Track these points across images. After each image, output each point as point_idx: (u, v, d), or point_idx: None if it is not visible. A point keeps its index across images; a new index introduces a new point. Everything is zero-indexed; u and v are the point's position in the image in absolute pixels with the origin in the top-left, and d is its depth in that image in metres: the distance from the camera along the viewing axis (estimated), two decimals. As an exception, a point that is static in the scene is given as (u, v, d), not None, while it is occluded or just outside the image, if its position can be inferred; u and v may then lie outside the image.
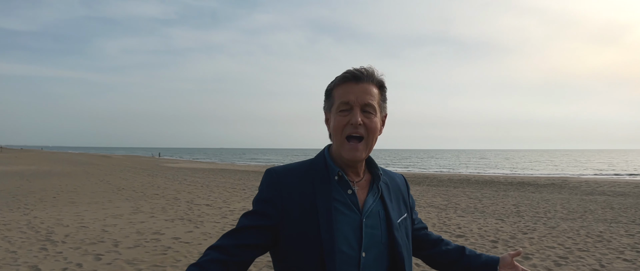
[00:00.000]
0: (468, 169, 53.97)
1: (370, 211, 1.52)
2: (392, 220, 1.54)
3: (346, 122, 1.48)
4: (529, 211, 13.17)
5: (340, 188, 1.51)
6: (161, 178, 25.24)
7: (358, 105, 1.48)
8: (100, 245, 7.62)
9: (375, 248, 1.49)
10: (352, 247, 1.45)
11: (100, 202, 13.39)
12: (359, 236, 1.47)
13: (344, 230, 1.45)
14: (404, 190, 1.71)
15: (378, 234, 1.50)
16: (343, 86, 1.51)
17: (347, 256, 1.43)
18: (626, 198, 17.13)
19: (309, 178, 1.52)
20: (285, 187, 1.51)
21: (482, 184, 24.59)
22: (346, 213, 1.48)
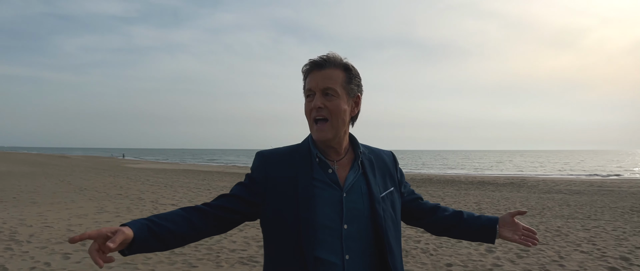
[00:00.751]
0: (430, 169, 54.86)
1: (351, 187, 1.66)
2: (374, 194, 1.67)
3: (312, 107, 1.64)
4: (490, 208, 13.59)
5: (320, 168, 1.66)
6: (123, 178, 24.85)
7: (319, 90, 1.63)
8: (67, 244, 7.53)
9: (357, 220, 1.63)
10: (333, 221, 1.60)
11: (63, 202, 13.15)
12: (340, 211, 1.61)
13: (324, 206, 1.60)
14: (390, 166, 1.83)
15: (360, 208, 1.64)
16: (309, 74, 1.67)
17: (329, 229, 1.58)
18: (581, 196, 17.79)
19: (293, 160, 1.68)
20: (271, 168, 1.68)
21: (444, 184, 25.12)
22: (327, 190, 1.63)
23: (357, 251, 1.62)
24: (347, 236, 1.60)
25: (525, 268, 6.50)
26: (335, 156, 1.70)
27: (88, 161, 55.02)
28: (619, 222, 10.76)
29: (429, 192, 19.13)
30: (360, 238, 1.62)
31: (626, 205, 14.24)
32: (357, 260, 1.61)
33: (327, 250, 1.58)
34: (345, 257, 1.59)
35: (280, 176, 1.66)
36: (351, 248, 1.60)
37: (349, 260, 1.59)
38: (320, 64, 1.64)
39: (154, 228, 1.48)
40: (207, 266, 6.44)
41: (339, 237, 1.59)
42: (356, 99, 1.72)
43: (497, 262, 6.86)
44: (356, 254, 1.61)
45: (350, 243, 1.60)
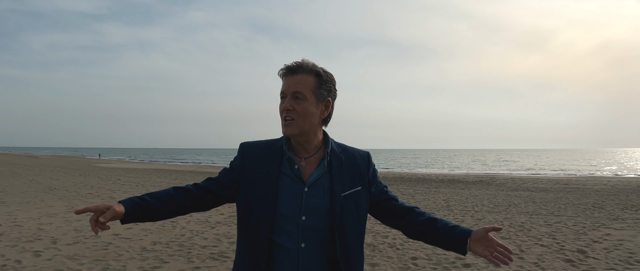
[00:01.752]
0: (401, 168, 55.43)
1: (314, 183, 1.84)
2: (335, 192, 1.84)
3: (282, 109, 1.84)
4: (458, 205, 13.93)
5: (288, 164, 1.86)
6: (94, 178, 24.61)
7: (290, 93, 1.82)
8: (37, 243, 7.54)
9: (315, 214, 1.81)
10: (293, 211, 1.80)
11: (33, 201, 13.03)
12: (300, 203, 1.80)
13: (286, 198, 1.80)
14: (362, 166, 1.98)
15: (319, 202, 1.82)
16: (284, 78, 1.86)
17: (289, 218, 1.79)
18: (547, 193, 18.31)
19: (268, 154, 1.88)
20: (248, 158, 1.90)
21: (415, 182, 25.52)
22: (291, 184, 1.83)
23: (313, 240, 1.80)
24: (304, 227, 1.79)
25: (486, 261, 6.75)
26: (304, 153, 1.89)
27: (57, 161, 54.09)
28: (580, 218, 11.17)
29: (399, 190, 19.46)
30: (316, 230, 1.80)
31: (589, 202, 14.74)
32: (312, 248, 1.80)
33: (285, 237, 1.78)
34: (300, 245, 1.78)
35: (254, 167, 1.87)
36: (307, 237, 1.79)
37: (304, 248, 1.78)
38: (294, 69, 1.83)
39: (144, 205, 1.78)
40: (179, 262, 6.54)
41: (296, 226, 1.79)
42: (326, 103, 1.88)
43: (460, 256, 7.12)
44: (311, 243, 1.80)
45: (306, 233, 1.79)
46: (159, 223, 9.72)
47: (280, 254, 1.77)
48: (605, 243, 8.07)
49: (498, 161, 77.79)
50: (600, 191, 19.16)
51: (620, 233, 8.96)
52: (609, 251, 7.42)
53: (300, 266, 1.78)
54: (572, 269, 6.33)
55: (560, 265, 6.57)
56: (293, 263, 1.78)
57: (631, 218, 10.97)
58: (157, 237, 8.23)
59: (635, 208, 13.02)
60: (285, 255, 1.77)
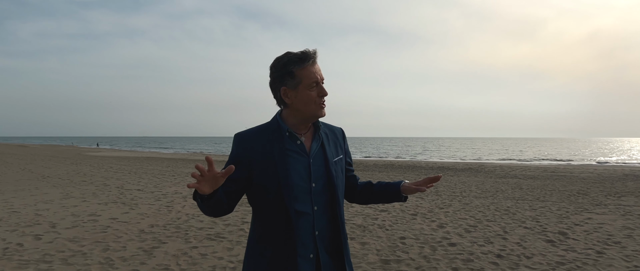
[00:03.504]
0: (391, 156, 55.81)
1: (315, 154, 2.15)
2: (329, 159, 2.17)
3: (317, 96, 2.08)
4: (447, 191, 14.25)
5: (290, 140, 2.11)
6: (86, 166, 24.70)
7: (322, 80, 2.10)
8: (37, 227, 7.74)
9: (320, 180, 2.13)
10: (304, 180, 2.08)
11: (27, 189, 13.19)
12: (308, 173, 2.10)
13: (297, 169, 2.08)
14: (340, 138, 2.34)
15: (322, 170, 2.14)
16: (307, 67, 2.07)
17: (301, 187, 2.07)
18: (534, 180, 18.67)
19: (266, 136, 2.12)
20: (249, 144, 2.11)
21: (405, 169, 25.88)
22: (298, 157, 2.10)
23: (322, 203, 2.12)
24: (315, 192, 2.10)
25: (471, 241, 7.09)
26: (302, 130, 2.16)
27: (48, 150, 53.95)
28: (565, 203, 11.51)
29: (389, 176, 19.80)
30: (323, 193, 2.12)
31: (574, 188, 15.10)
32: (322, 210, 2.12)
33: (302, 204, 2.06)
34: (314, 208, 2.09)
35: (258, 150, 2.09)
36: (318, 201, 2.10)
37: (317, 210, 2.09)
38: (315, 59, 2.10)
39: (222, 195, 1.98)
40: (177, 242, 6.79)
41: (309, 193, 2.08)
42: None
43: (447, 236, 7.44)
44: (321, 205, 2.12)
45: (317, 198, 2.10)
46: (155, 207, 9.95)
47: (299, 219, 2.05)
48: (586, 226, 8.40)
49: (487, 150, 78.35)
50: (586, 178, 19.56)
51: (601, 217, 9.29)
52: (588, 233, 7.74)
53: (315, 227, 2.09)
54: (552, 249, 6.63)
55: (541, 244, 6.88)
56: (309, 225, 2.07)
57: (613, 204, 11.32)
58: (154, 220, 8.46)
59: (619, 194, 13.38)
60: (303, 219, 2.06)
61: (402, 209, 10.08)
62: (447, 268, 5.65)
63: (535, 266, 5.73)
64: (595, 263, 5.85)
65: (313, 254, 2.07)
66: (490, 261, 5.93)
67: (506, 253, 6.36)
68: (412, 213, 9.66)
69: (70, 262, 5.67)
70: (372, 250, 6.52)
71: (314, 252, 2.08)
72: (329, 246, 2.14)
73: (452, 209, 10.19)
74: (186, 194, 12.35)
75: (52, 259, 5.79)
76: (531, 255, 6.23)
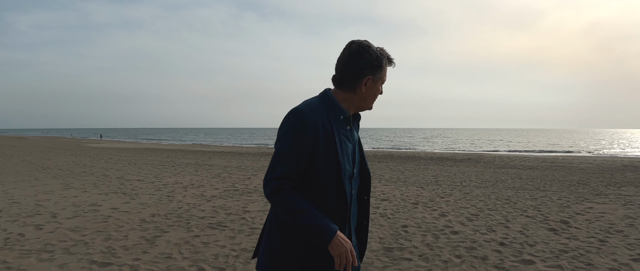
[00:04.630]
0: (390, 146, 55.81)
1: (356, 141, 2.25)
2: (362, 147, 2.32)
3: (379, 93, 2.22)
4: (447, 180, 14.26)
5: (344, 124, 2.15)
6: (86, 157, 24.68)
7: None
8: (38, 217, 7.72)
9: (358, 166, 2.24)
10: (350, 165, 2.16)
11: (27, 180, 13.16)
12: (353, 159, 2.19)
13: (348, 154, 2.15)
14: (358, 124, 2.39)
15: (359, 156, 2.26)
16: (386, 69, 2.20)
17: (348, 172, 2.14)
18: (534, 170, 18.67)
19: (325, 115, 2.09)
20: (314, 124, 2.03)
21: (405, 159, 25.88)
22: (347, 142, 2.15)
23: (356, 188, 2.23)
24: (355, 178, 2.20)
25: (473, 229, 7.09)
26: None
27: (47, 142, 53.89)
28: (565, 193, 11.52)
29: (389, 167, 19.78)
30: (358, 179, 2.25)
31: (574, 179, 15.11)
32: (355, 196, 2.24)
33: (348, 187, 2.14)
34: (352, 193, 2.17)
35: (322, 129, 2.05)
36: (355, 186, 2.21)
37: (354, 195, 2.21)
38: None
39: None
40: (179, 231, 6.77)
41: (351, 177, 2.16)
42: None
43: (449, 224, 7.45)
44: (357, 189, 2.25)
45: (355, 183, 2.21)
46: (155, 197, 9.95)
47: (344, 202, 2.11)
48: (588, 215, 8.40)
49: (486, 140, 78.40)
50: (585, 169, 19.57)
51: (602, 207, 9.30)
52: (590, 222, 7.75)
53: (352, 209, 2.19)
54: (554, 237, 6.63)
55: (543, 233, 6.88)
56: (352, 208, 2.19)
57: (614, 194, 11.33)
58: (155, 210, 8.45)
59: (619, 184, 13.40)
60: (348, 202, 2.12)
61: (403, 199, 10.08)
62: (450, 255, 5.64)
63: (538, 253, 5.73)
64: (598, 251, 5.85)
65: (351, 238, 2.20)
66: (493, 249, 5.93)
67: (509, 241, 6.36)
68: (413, 202, 9.67)
69: (72, 251, 5.65)
70: (374, 237, 6.52)
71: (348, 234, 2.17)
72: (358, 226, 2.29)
73: (453, 199, 10.19)
74: (186, 185, 12.35)
75: (53, 248, 5.77)
76: (534, 243, 6.23)
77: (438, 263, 5.35)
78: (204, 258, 5.43)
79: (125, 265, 5.12)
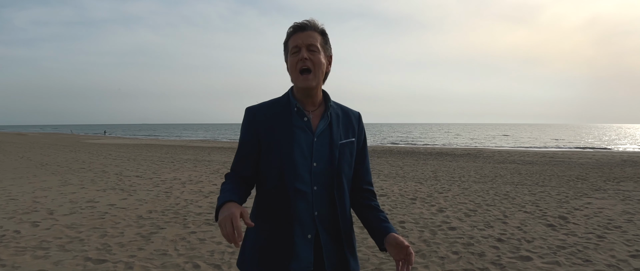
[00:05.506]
0: (390, 141, 55.78)
1: (320, 133, 2.07)
2: (335, 140, 2.08)
3: (297, 60, 2.01)
4: (446, 176, 14.24)
5: (298, 116, 2.06)
6: (85, 153, 24.64)
7: (304, 46, 2.01)
8: (34, 214, 7.69)
9: (322, 160, 2.05)
10: (305, 158, 2.02)
11: (25, 177, 13.14)
12: (311, 151, 2.04)
13: (300, 145, 2.02)
14: (354, 122, 2.22)
15: (325, 151, 2.06)
16: (293, 36, 2.04)
17: (302, 164, 2.01)
18: (533, 166, 18.65)
19: (275, 110, 2.08)
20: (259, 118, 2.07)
21: (404, 154, 25.85)
22: (302, 134, 2.04)
23: (322, 184, 2.05)
24: (315, 172, 2.03)
25: (471, 225, 7.07)
26: (311, 107, 2.10)
27: (46, 138, 53.85)
28: (564, 188, 11.49)
29: (389, 162, 19.75)
30: (324, 174, 2.05)
31: (573, 174, 15.09)
32: (322, 191, 2.05)
33: (301, 182, 2.01)
34: (313, 188, 2.02)
35: (265, 124, 2.05)
36: (318, 181, 2.03)
37: (316, 190, 2.03)
38: (303, 26, 2.04)
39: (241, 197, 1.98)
40: (175, 228, 6.75)
41: (309, 172, 2.02)
42: (329, 59, 2.13)
43: (446, 220, 7.42)
44: (321, 186, 2.04)
45: (317, 178, 2.03)
46: (153, 193, 9.92)
47: (297, 198, 2.00)
48: (586, 210, 8.38)
49: (485, 135, 78.39)
50: (584, 164, 19.55)
51: (601, 202, 9.28)
52: (588, 217, 7.72)
53: (313, 207, 2.03)
54: (552, 233, 6.61)
55: (541, 228, 6.86)
56: (308, 205, 2.02)
57: (612, 189, 11.31)
58: (152, 206, 8.42)
59: (618, 180, 13.38)
60: (302, 197, 2.00)
61: (401, 194, 10.06)
62: (447, 251, 5.61)
63: (536, 250, 5.70)
64: (596, 247, 5.83)
65: (311, 234, 2.02)
66: (490, 245, 5.90)
67: (507, 237, 6.33)
68: (411, 197, 9.65)
69: (68, 248, 5.63)
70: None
71: (313, 232, 2.02)
72: (332, 229, 2.08)
73: (451, 194, 10.17)
74: (185, 180, 12.32)
75: (49, 245, 5.75)
76: (532, 239, 6.20)
77: (435, 259, 5.32)
78: (200, 255, 5.40)
79: (120, 262, 5.10)
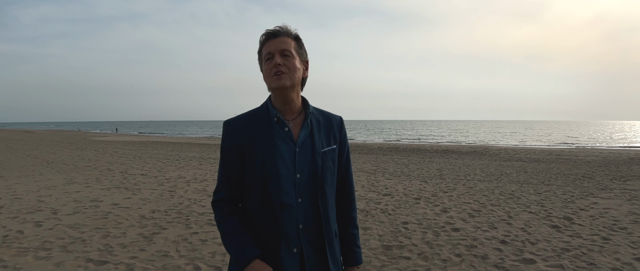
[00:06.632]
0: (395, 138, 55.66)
1: (302, 143, 2.01)
2: (317, 148, 2.03)
3: (271, 67, 1.95)
4: (451, 174, 14.17)
5: (278, 127, 2.00)
6: (91, 151, 24.73)
7: (277, 52, 1.96)
8: (38, 213, 7.71)
9: (305, 170, 1.99)
10: (288, 169, 1.96)
11: (31, 175, 13.18)
12: (293, 162, 1.98)
13: (283, 157, 1.96)
14: (335, 127, 2.17)
15: (308, 160, 2.00)
16: (266, 43, 1.99)
17: (285, 176, 1.95)
18: (539, 163, 18.56)
19: (255, 121, 2.02)
20: (238, 131, 2.01)
21: (409, 152, 25.78)
22: (284, 145, 1.98)
23: (307, 195, 1.99)
24: (299, 183, 1.97)
25: (474, 226, 7.02)
26: (290, 116, 2.04)
27: (53, 135, 54.10)
28: (570, 187, 11.41)
29: (394, 160, 19.70)
30: (308, 185, 1.99)
31: (579, 172, 14.99)
32: (307, 202, 1.99)
33: (286, 195, 1.95)
34: (298, 200, 1.97)
35: (246, 136, 1.99)
36: (302, 193, 1.98)
37: (301, 203, 1.97)
38: (276, 33, 1.99)
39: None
40: (177, 228, 6.74)
41: (293, 184, 1.96)
42: (306, 64, 2.07)
43: (450, 221, 7.37)
44: (306, 198, 1.99)
45: (301, 189, 1.98)
46: (157, 192, 9.93)
47: (283, 211, 1.94)
48: (592, 211, 8.30)
49: (492, 132, 78.08)
50: (591, 162, 19.42)
51: (607, 202, 9.20)
52: (594, 218, 7.65)
53: (298, 220, 1.97)
54: (557, 234, 6.55)
55: (546, 230, 6.80)
56: (293, 218, 1.96)
57: (619, 188, 11.21)
58: (155, 206, 8.42)
59: (624, 178, 13.27)
60: (287, 211, 1.95)
61: (405, 193, 10.02)
62: (450, 254, 5.57)
63: (539, 252, 5.65)
64: (601, 250, 5.76)
65: (297, 248, 1.97)
66: (494, 247, 5.85)
67: (510, 238, 6.28)
68: (416, 197, 9.60)
69: (70, 249, 5.63)
70: (374, 235, 6.45)
71: (298, 246, 1.98)
72: (316, 242, 2.03)
73: (456, 193, 10.12)
74: (189, 179, 12.32)
75: (51, 246, 5.75)
76: (536, 241, 6.15)
77: (437, 262, 5.28)
78: (201, 257, 5.39)
79: (121, 264, 5.09)
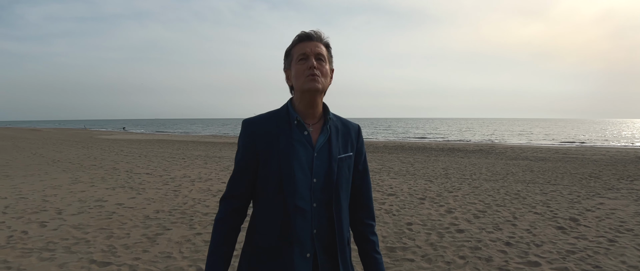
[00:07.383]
0: (401, 136, 55.57)
1: (320, 148, 2.02)
2: (334, 155, 2.03)
3: (306, 68, 1.96)
4: (456, 173, 14.12)
5: (298, 130, 2.00)
6: (97, 149, 24.80)
7: (312, 54, 1.97)
8: (43, 214, 7.73)
9: (321, 176, 2.00)
10: (305, 174, 1.96)
11: (37, 174, 13.23)
12: (311, 166, 1.98)
13: (300, 161, 1.96)
14: (353, 135, 2.17)
15: (325, 165, 2.01)
16: (300, 44, 2.00)
17: (302, 180, 1.95)
18: (546, 162, 18.46)
19: (274, 123, 2.02)
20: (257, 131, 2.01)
21: (415, 150, 25.71)
22: (302, 148, 1.98)
23: (322, 201, 1.99)
24: (315, 188, 1.97)
25: (479, 227, 6.98)
26: (311, 120, 2.04)
27: (60, 134, 54.33)
28: (576, 187, 11.34)
29: (399, 158, 19.66)
30: (324, 191, 1.99)
31: (586, 171, 14.90)
32: (321, 208, 1.99)
33: (301, 199, 1.95)
34: (313, 205, 1.97)
35: (264, 138, 1.99)
36: (317, 198, 1.98)
37: (316, 208, 1.97)
38: (310, 36, 2.01)
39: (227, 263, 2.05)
40: (181, 229, 6.74)
41: (309, 188, 1.96)
42: (331, 73, 2.08)
43: (455, 221, 7.33)
44: (321, 203, 1.99)
45: (317, 194, 1.98)
46: (162, 192, 9.94)
47: (297, 215, 1.94)
48: (598, 211, 8.25)
49: (497, 130, 77.82)
50: (598, 161, 19.31)
51: (613, 203, 9.13)
52: (600, 219, 7.59)
53: (312, 225, 1.98)
54: (562, 236, 6.50)
55: (551, 231, 6.75)
56: (307, 223, 1.96)
57: (626, 188, 11.14)
58: (160, 206, 8.43)
59: (631, 178, 13.19)
60: (301, 215, 1.95)
61: (410, 193, 9.99)
62: (454, 256, 5.54)
63: (544, 255, 5.60)
64: (606, 252, 5.72)
65: (310, 253, 1.97)
66: (498, 249, 5.81)
67: (515, 240, 6.24)
68: (420, 197, 9.57)
69: (73, 250, 5.63)
70: (378, 236, 6.41)
71: (311, 251, 1.98)
72: (329, 246, 2.03)
73: (461, 193, 10.07)
74: (194, 178, 12.33)
75: (55, 247, 5.76)
76: (541, 243, 6.11)
77: (440, 264, 5.25)
78: (203, 258, 5.37)
79: (125, 265, 5.09)
